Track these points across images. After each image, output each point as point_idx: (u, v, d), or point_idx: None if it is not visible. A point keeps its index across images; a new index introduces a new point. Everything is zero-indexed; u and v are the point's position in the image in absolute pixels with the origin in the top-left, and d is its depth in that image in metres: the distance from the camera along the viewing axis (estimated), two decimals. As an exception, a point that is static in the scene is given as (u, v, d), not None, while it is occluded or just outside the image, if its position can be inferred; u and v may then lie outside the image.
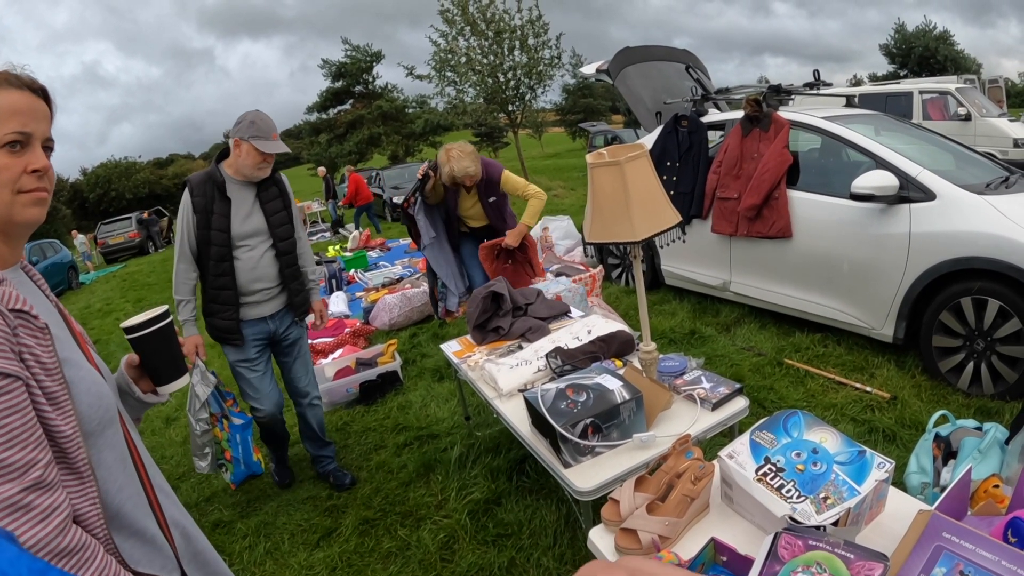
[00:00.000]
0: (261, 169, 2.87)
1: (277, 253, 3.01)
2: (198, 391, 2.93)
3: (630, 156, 2.12)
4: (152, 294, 12.18)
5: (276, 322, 3.10)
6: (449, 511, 2.97)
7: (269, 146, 2.82)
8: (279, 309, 3.10)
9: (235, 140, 2.81)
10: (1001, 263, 3.05)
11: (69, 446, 0.99)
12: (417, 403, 4.24)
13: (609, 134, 22.17)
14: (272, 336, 3.12)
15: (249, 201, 2.93)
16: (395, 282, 7.41)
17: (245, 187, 2.92)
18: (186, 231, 2.88)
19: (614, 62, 5.84)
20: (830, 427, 1.60)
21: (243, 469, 3.22)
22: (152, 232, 23.61)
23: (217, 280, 2.91)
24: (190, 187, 2.88)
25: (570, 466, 2.01)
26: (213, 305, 2.96)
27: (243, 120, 2.82)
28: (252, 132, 2.78)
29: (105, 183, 53.25)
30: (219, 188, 2.86)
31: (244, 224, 2.91)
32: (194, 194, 2.85)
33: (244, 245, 2.92)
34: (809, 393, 3.55)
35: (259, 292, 2.99)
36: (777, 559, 1.20)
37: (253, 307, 3.01)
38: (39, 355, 0.97)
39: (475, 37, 17.81)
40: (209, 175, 2.90)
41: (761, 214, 4.29)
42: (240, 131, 2.79)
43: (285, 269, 3.05)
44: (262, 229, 2.96)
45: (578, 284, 4.59)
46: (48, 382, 0.97)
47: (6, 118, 1.03)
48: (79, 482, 1.01)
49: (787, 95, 4.73)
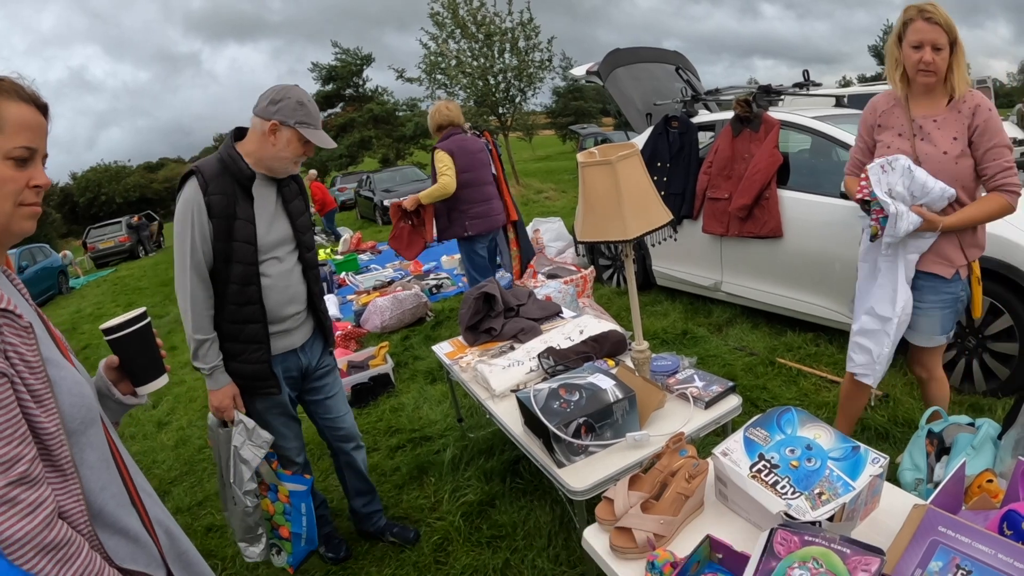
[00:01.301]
0: (296, 164, 2.26)
1: (305, 266, 2.39)
2: (244, 455, 2.23)
3: (621, 155, 2.12)
4: (143, 298, 12.12)
5: (308, 354, 2.46)
6: (443, 513, 2.96)
7: (319, 137, 2.21)
8: (308, 337, 2.45)
9: (273, 123, 2.12)
10: (992, 260, 3.06)
11: (53, 443, 1.01)
12: (410, 405, 4.22)
13: (599, 136, 22.17)
14: (304, 372, 2.49)
15: (271, 200, 2.28)
16: (386, 285, 7.40)
17: (266, 183, 2.26)
18: (199, 242, 2.12)
19: (604, 64, 5.84)
20: (824, 423, 1.60)
21: (303, 546, 2.50)
22: (142, 236, 23.53)
23: (241, 311, 2.21)
24: (201, 180, 2.11)
25: (564, 466, 2.00)
26: (234, 345, 2.24)
27: (285, 97, 2.14)
28: (300, 116, 2.15)
29: (95, 187, 52.90)
30: (242, 184, 2.16)
31: (270, 231, 2.25)
32: (209, 191, 2.10)
33: (272, 257, 2.26)
34: (802, 392, 3.56)
35: (290, 318, 2.35)
36: (773, 555, 1.19)
37: (283, 337, 2.35)
38: (23, 353, 0.98)
39: (465, 40, 17.80)
40: (225, 165, 2.15)
41: (752, 214, 4.30)
42: (282, 112, 2.12)
43: (313, 285, 2.44)
44: (288, 236, 2.32)
45: (569, 285, 4.59)
46: (32, 380, 0.99)
47: (16, 131, 1.05)
48: (62, 479, 1.03)
49: (777, 95, 4.74)
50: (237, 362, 2.25)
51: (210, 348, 2.19)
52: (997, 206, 2.26)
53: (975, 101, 2.23)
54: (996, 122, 2.21)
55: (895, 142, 2.36)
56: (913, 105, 2.35)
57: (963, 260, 2.35)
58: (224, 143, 2.22)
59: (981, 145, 2.22)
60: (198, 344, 2.18)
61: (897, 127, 2.38)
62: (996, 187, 2.24)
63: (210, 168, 2.14)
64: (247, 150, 2.19)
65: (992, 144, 2.21)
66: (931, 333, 2.43)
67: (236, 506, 2.29)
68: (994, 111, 2.23)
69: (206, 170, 2.13)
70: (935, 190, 2.21)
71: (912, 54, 2.23)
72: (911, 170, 2.21)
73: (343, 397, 2.69)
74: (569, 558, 2.51)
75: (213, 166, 2.15)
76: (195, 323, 2.17)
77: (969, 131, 2.23)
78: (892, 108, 2.42)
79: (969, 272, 2.41)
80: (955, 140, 2.24)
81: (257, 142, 2.17)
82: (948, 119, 2.26)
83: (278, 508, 2.41)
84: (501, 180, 4.80)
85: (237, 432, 2.22)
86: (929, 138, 2.28)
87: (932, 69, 2.20)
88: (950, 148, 2.24)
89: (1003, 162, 2.22)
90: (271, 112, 2.12)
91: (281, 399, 2.39)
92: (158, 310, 10.30)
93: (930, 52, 2.18)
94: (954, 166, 2.24)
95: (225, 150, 2.18)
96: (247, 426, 2.24)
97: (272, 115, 2.12)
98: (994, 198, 2.26)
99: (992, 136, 2.21)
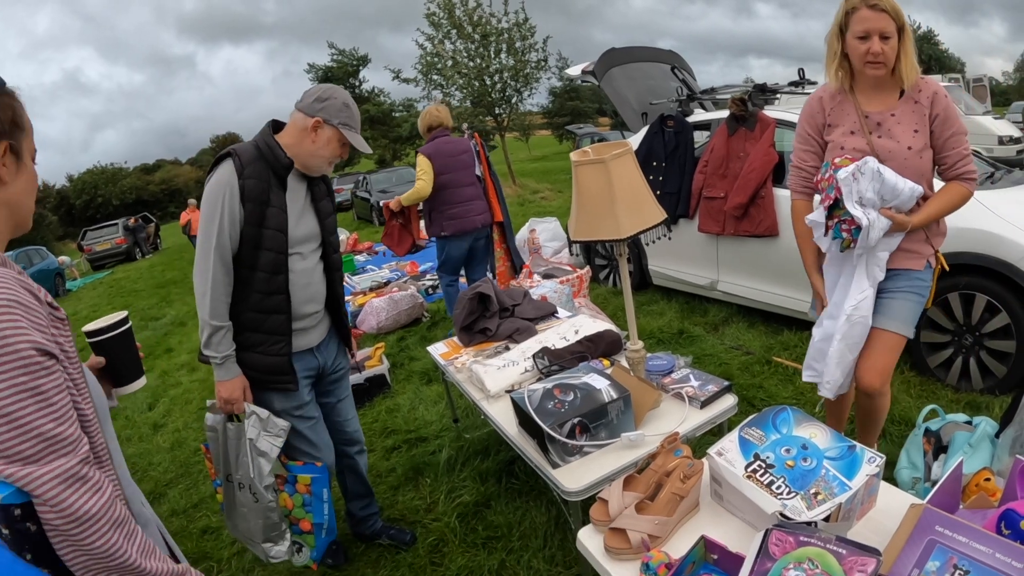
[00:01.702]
0: (331, 165, 2.26)
1: (328, 266, 2.38)
2: (262, 446, 2.13)
3: (615, 154, 2.11)
4: (139, 300, 12.09)
5: (324, 354, 2.43)
6: (438, 514, 2.94)
7: (358, 141, 2.24)
8: (323, 337, 2.43)
9: (316, 120, 2.13)
10: (988, 258, 3.06)
11: (92, 430, 1.08)
12: (405, 406, 4.20)
13: (596, 136, 22.18)
14: (319, 372, 2.45)
15: (301, 196, 2.26)
16: (382, 286, 7.38)
17: (297, 178, 2.24)
18: (227, 225, 2.06)
19: (600, 63, 5.84)
20: (820, 423, 1.59)
21: (325, 538, 2.40)
22: (139, 238, 23.50)
23: (267, 300, 2.16)
24: (238, 163, 2.07)
25: (558, 466, 1.99)
26: (254, 335, 2.18)
27: (332, 98, 2.16)
28: (344, 118, 2.17)
29: (92, 189, 52.92)
30: (278, 173, 2.13)
31: (299, 225, 2.23)
32: (245, 174, 2.06)
33: (297, 253, 2.23)
34: (798, 391, 3.55)
35: (310, 316, 2.32)
36: (768, 556, 1.18)
37: (303, 335, 2.31)
38: (62, 343, 1.05)
39: (462, 40, 17.80)
40: (263, 153, 2.12)
41: (748, 213, 4.29)
42: (328, 111, 2.14)
43: (335, 286, 2.42)
44: (314, 234, 2.30)
45: (564, 285, 4.58)
46: (71, 369, 1.06)
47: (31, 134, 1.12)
48: (100, 464, 1.09)
49: (772, 94, 4.74)
50: (256, 353, 2.19)
51: (225, 336, 2.12)
52: (959, 196, 2.15)
53: (931, 88, 2.11)
54: (953, 108, 2.12)
55: (848, 141, 2.18)
56: (862, 100, 2.19)
57: (931, 250, 2.25)
58: (262, 132, 2.19)
59: (942, 134, 2.11)
60: (213, 330, 2.10)
61: (848, 123, 2.20)
62: (956, 176, 2.14)
63: (247, 153, 2.10)
64: (284, 143, 2.16)
65: (952, 132, 2.10)
66: (902, 319, 2.23)
67: (258, 503, 2.18)
68: (949, 97, 2.12)
69: (243, 154, 2.09)
70: (904, 191, 2.07)
71: (859, 46, 2.05)
72: (881, 172, 2.04)
73: (352, 401, 2.66)
74: (565, 559, 2.49)
75: (250, 151, 2.11)
76: (212, 308, 2.08)
77: (930, 121, 2.11)
78: (840, 104, 2.23)
79: (937, 262, 2.29)
80: (916, 133, 2.11)
81: (296, 137, 2.16)
82: (906, 111, 2.12)
83: (296, 501, 2.33)
84: (488, 182, 4.87)
85: (251, 424, 2.13)
86: (889, 134, 2.13)
87: (881, 60, 2.04)
88: (913, 142, 2.10)
89: (962, 150, 2.12)
90: (316, 109, 2.13)
91: (299, 398, 2.32)
92: (155, 312, 10.28)
93: (878, 42, 2.01)
94: (919, 160, 2.12)
95: (262, 138, 2.15)
96: (260, 416, 2.15)
97: (317, 112, 2.12)
98: (955, 188, 2.15)
99: (951, 123, 2.10)
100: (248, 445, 2.13)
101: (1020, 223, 3.03)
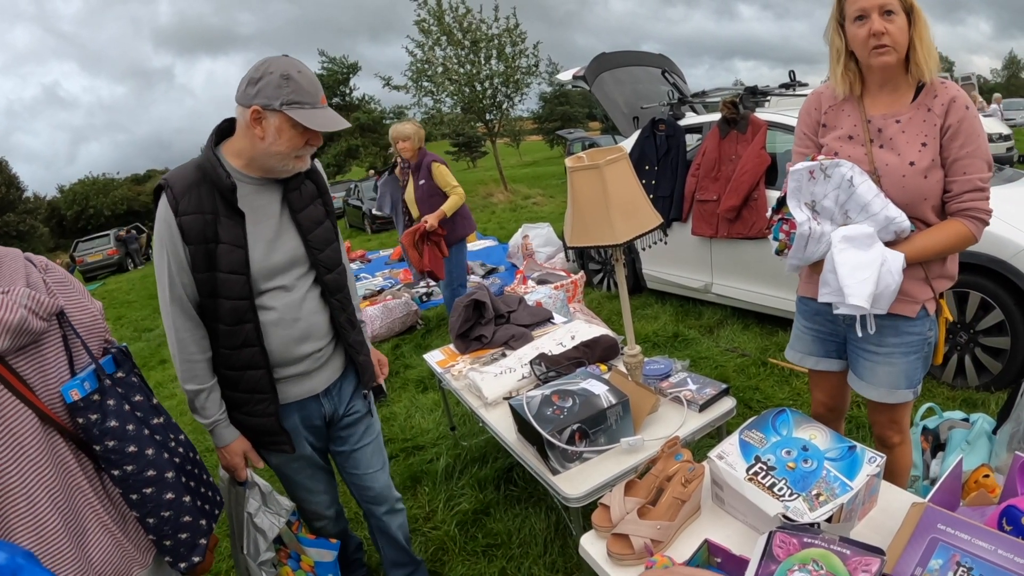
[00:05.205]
0: (300, 159, 1.73)
1: (324, 290, 1.88)
2: (260, 524, 1.88)
3: (609, 159, 2.12)
4: (131, 312, 12.02)
5: (334, 399, 1.98)
6: (437, 523, 2.93)
7: (319, 119, 1.66)
8: (335, 378, 1.97)
9: (254, 110, 1.62)
10: (981, 256, 3.07)
11: None
12: (402, 415, 4.19)
13: (587, 141, 22.21)
14: (330, 419, 2.01)
15: (274, 211, 1.77)
16: (376, 294, 7.35)
17: (264, 188, 1.76)
18: (176, 273, 1.68)
19: (590, 68, 5.86)
20: (819, 424, 1.59)
21: None
22: (131, 249, 23.39)
23: (235, 356, 1.75)
24: (171, 195, 1.65)
25: (558, 473, 1.98)
26: (234, 394, 1.82)
27: (265, 75, 1.61)
28: (288, 95, 1.61)
29: (83, 200, 52.58)
30: (224, 196, 1.67)
31: (271, 253, 1.76)
32: (180, 209, 1.64)
33: (276, 287, 1.77)
34: (795, 392, 3.55)
35: (306, 359, 1.85)
36: (772, 558, 1.18)
37: (297, 383, 1.87)
38: None
39: (452, 47, 17.82)
40: (204, 174, 1.67)
41: (741, 215, 4.31)
42: (264, 94, 1.61)
43: (339, 314, 1.92)
44: (298, 257, 1.81)
45: (559, 290, 4.58)
46: None
47: None
48: None
49: (763, 96, 4.76)
50: (241, 413, 1.83)
51: (208, 399, 1.77)
52: (958, 237, 1.71)
53: (950, 94, 1.69)
54: (975, 124, 1.68)
55: (844, 148, 1.81)
56: (869, 103, 1.81)
57: (929, 294, 1.80)
58: (207, 143, 1.74)
59: (952, 152, 1.68)
60: (191, 395, 1.77)
61: (847, 128, 1.83)
62: (961, 211, 1.71)
63: (183, 180, 1.66)
64: (236, 148, 1.71)
65: (965, 152, 1.67)
66: (893, 386, 1.85)
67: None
68: (973, 109, 1.69)
69: (176, 182, 1.66)
70: (879, 216, 1.66)
71: (858, 30, 1.68)
72: (853, 184, 1.67)
73: (377, 449, 2.16)
74: (565, 565, 2.49)
75: (188, 176, 1.67)
76: (183, 370, 1.74)
77: (941, 133, 1.69)
78: (842, 103, 1.86)
79: (938, 308, 1.84)
80: (924, 147, 1.70)
81: (245, 136, 1.68)
82: (915, 119, 1.72)
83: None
84: None
85: (252, 497, 1.88)
86: (891, 144, 1.74)
87: (887, 42, 1.65)
88: (918, 158, 1.70)
89: (976, 179, 1.68)
90: (250, 96, 1.62)
91: (300, 455, 1.97)
92: (147, 323, 10.22)
93: (879, 20, 1.64)
94: (921, 181, 1.70)
95: (204, 153, 1.70)
96: (263, 490, 1.90)
97: (252, 99, 1.62)
98: (954, 226, 1.72)
99: (968, 141, 1.67)
100: (246, 519, 1.89)
101: (1012, 220, 3.05)
